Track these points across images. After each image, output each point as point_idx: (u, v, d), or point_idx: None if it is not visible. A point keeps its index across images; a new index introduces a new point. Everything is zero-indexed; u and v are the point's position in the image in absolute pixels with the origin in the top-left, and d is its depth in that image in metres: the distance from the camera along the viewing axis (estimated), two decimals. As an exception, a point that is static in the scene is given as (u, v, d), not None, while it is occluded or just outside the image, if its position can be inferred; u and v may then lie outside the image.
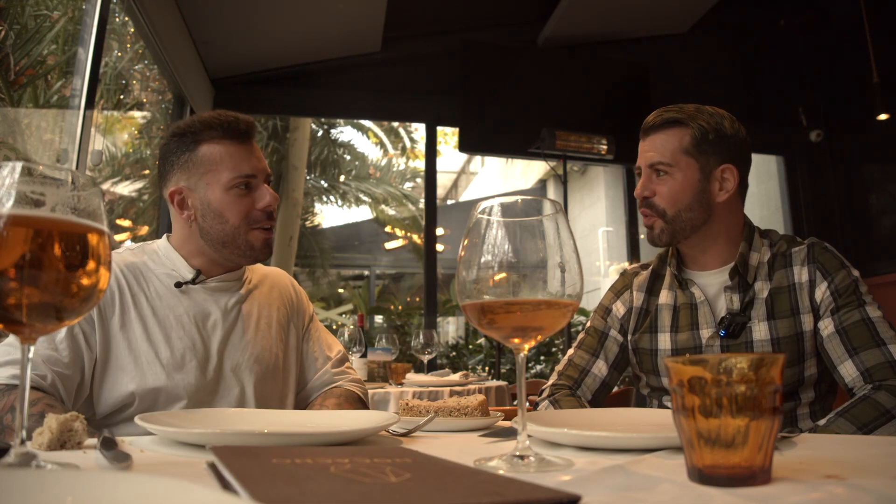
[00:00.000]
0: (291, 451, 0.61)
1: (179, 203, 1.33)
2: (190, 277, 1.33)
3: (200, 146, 1.31)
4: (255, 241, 1.33)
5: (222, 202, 1.30)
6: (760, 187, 5.70)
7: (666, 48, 4.92)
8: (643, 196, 1.40)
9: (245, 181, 1.31)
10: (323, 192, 10.13)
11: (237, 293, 1.39)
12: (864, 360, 1.22)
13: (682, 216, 1.37)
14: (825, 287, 1.30)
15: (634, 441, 0.74)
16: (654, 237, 1.41)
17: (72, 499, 0.41)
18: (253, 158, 1.33)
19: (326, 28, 4.21)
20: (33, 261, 0.60)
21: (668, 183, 1.37)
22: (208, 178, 1.30)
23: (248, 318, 1.38)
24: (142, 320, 1.27)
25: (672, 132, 1.38)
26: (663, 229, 1.39)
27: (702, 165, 1.36)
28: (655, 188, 1.39)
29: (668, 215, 1.37)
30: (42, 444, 0.74)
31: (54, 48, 3.11)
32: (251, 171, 1.31)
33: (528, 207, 0.71)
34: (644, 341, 1.46)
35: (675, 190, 1.36)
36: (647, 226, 1.42)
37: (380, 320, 9.80)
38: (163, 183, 1.37)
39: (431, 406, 1.10)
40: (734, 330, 1.34)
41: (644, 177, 1.41)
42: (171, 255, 1.36)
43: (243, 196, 1.31)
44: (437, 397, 2.49)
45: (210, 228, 1.31)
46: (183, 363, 1.27)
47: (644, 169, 1.41)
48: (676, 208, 1.36)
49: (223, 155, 1.30)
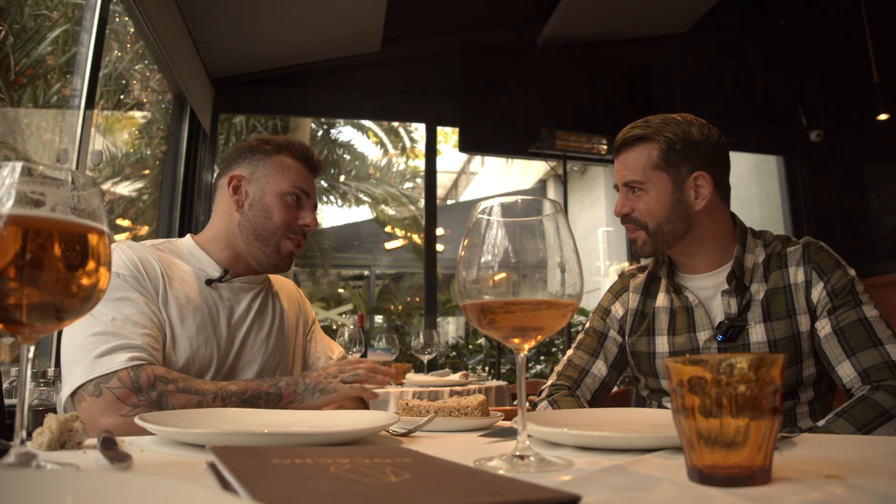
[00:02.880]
0: (291, 451, 0.61)
1: (235, 187, 1.42)
2: (217, 275, 1.39)
3: (277, 154, 1.44)
4: (284, 247, 1.41)
5: (274, 202, 1.40)
6: (760, 187, 5.70)
7: (666, 48, 4.92)
8: (623, 213, 1.43)
9: (299, 194, 1.43)
10: (323, 192, 10.12)
11: (260, 294, 1.47)
12: (862, 360, 1.22)
13: (662, 228, 1.38)
14: (821, 287, 1.30)
15: (634, 441, 0.74)
16: (638, 249, 1.43)
17: (72, 499, 0.41)
18: (312, 185, 1.47)
19: (326, 28, 4.21)
20: (33, 261, 0.60)
21: (643, 198, 1.39)
22: (272, 179, 1.42)
23: (266, 316, 1.46)
24: (177, 304, 1.31)
25: (640, 148, 1.39)
26: (646, 241, 1.41)
27: (673, 177, 1.37)
28: (633, 205, 1.41)
29: (650, 228, 1.39)
30: (42, 444, 0.74)
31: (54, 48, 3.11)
32: (307, 189, 1.45)
33: (528, 207, 0.71)
34: (641, 344, 1.46)
35: (651, 204, 1.38)
36: (631, 239, 1.45)
37: (380, 320, 9.80)
38: (224, 171, 1.46)
39: (431, 406, 1.10)
40: (732, 334, 1.34)
41: (621, 195, 1.43)
42: (198, 253, 1.41)
43: (292, 207, 1.42)
44: (437, 397, 2.49)
45: (253, 219, 1.40)
46: (208, 349, 1.32)
47: (620, 187, 1.43)
48: (656, 221, 1.38)
49: (293, 168, 1.43)
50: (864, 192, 5.01)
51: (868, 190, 5.02)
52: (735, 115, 4.88)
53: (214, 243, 1.42)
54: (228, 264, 1.41)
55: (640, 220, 1.40)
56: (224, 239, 1.42)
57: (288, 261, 1.43)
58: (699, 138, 1.37)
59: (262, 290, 1.48)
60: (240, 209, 1.41)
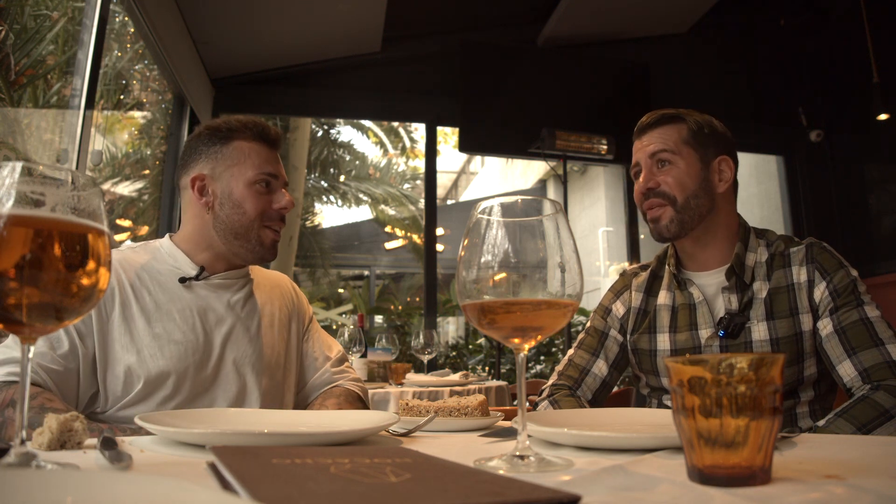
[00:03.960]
0: (291, 451, 0.61)
1: (200, 189, 1.36)
2: (193, 274, 1.36)
3: (232, 141, 1.37)
4: (265, 238, 1.37)
5: (244, 194, 1.35)
6: (760, 187, 5.70)
7: (666, 48, 4.92)
8: (648, 187, 1.39)
9: (267, 179, 1.37)
10: (323, 192, 10.13)
11: (241, 291, 1.42)
12: (863, 360, 1.22)
13: (690, 203, 1.37)
14: (824, 287, 1.31)
15: (634, 441, 0.74)
16: (662, 229, 1.39)
17: (72, 499, 0.41)
18: (277, 163, 1.41)
19: (326, 28, 4.21)
20: (33, 261, 0.60)
21: (672, 171, 1.38)
22: (234, 171, 1.36)
23: (251, 315, 1.41)
24: (145, 314, 1.28)
25: (670, 127, 1.41)
26: (672, 219, 1.38)
27: (701, 156, 1.39)
28: (659, 178, 1.38)
29: (679, 203, 1.37)
30: (42, 444, 0.74)
31: (54, 48, 3.11)
32: (274, 172, 1.38)
33: (528, 207, 0.71)
34: (643, 342, 1.46)
35: (681, 177, 1.37)
36: (654, 218, 1.40)
37: (380, 320, 9.80)
38: (183, 171, 1.40)
39: (431, 406, 1.10)
40: (733, 330, 1.34)
41: (646, 170, 1.41)
42: (174, 252, 1.38)
43: (263, 193, 1.36)
44: (437, 397, 2.49)
45: (227, 218, 1.35)
46: (185, 356, 1.28)
47: (645, 161, 1.41)
48: (685, 194, 1.37)
49: (252, 152, 1.37)
50: (864, 192, 5.01)
51: (868, 190, 5.02)
52: (735, 115, 4.88)
53: (192, 245, 1.38)
54: (209, 264, 1.38)
55: (668, 193, 1.37)
56: (201, 241, 1.37)
57: (273, 251, 1.39)
58: (721, 130, 1.44)
59: (243, 286, 1.43)
60: (210, 210, 1.36)
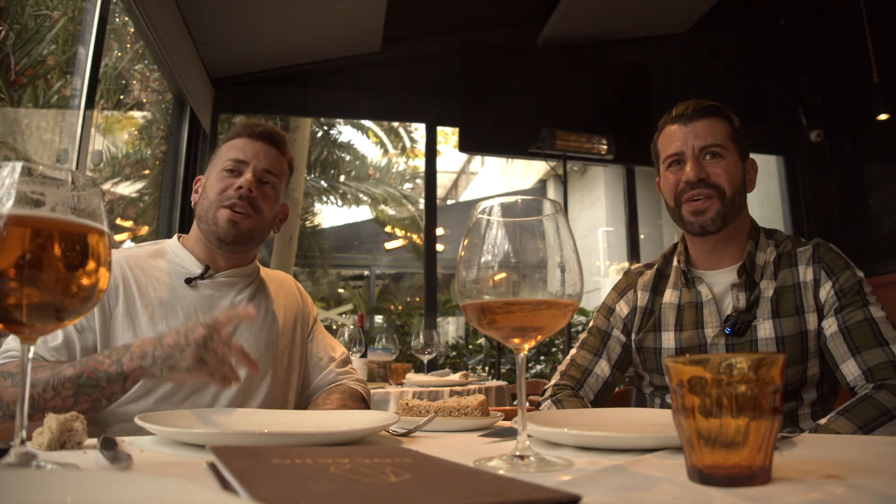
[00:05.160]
0: (291, 451, 0.61)
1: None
2: (198, 272, 1.38)
3: (223, 145, 1.45)
4: (221, 217, 1.36)
5: (211, 183, 1.40)
6: (760, 187, 5.70)
7: (666, 48, 4.92)
8: (700, 177, 1.36)
9: (234, 165, 1.39)
10: (323, 192, 10.12)
11: (245, 289, 1.44)
12: (867, 359, 1.23)
13: (735, 199, 1.38)
14: (829, 287, 1.31)
15: (634, 441, 0.74)
16: (707, 222, 1.36)
17: (72, 499, 0.41)
18: (255, 152, 1.40)
19: (326, 28, 4.20)
20: (33, 261, 0.60)
21: (722, 164, 1.37)
22: (212, 165, 1.44)
23: (258, 312, 1.42)
24: (148, 311, 1.29)
25: (716, 119, 1.40)
26: (719, 212, 1.36)
27: (740, 154, 1.41)
28: (710, 170, 1.37)
29: (727, 195, 1.36)
30: (42, 444, 0.74)
31: (54, 48, 3.10)
32: (242, 157, 1.39)
33: (528, 207, 0.71)
34: (648, 340, 1.46)
35: (731, 171, 1.37)
36: (699, 210, 1.37)
37: (380, 320, 9.80)
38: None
39: (431, 406, 1.10)
40: (739, 328, 1.34)
41: (693, 161, 1.37)
42: (180, 251, 1.41)
43: (226, 178, 1.39)
44: (437, 397, 2.49)
45: (199, 207, 1.41)
46: None
47: (692, 153, 1.37)
48: (734, 188, 1.37)
49: (228, 146, 1.43)
50: (864, 192, 5.01)
51: (868, 190, 5.02)
52: (735, 114, 4.88)
53: (195, 243, 1.43)
54: (212, 262, 1.41)
55: (719, 185, 1.36)
56: (200, 238, 1.42)
57: (229, 229, 1.34)
58: (744, 133, 1.44)
59: (248, 284, 1.45)
60: (196, 204, 1.44)
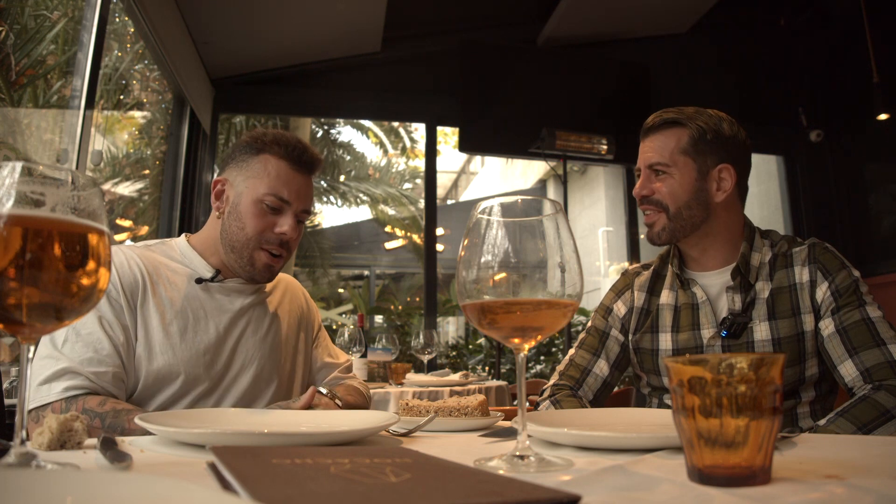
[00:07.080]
0: (291, 451, 0.61)
1: (217, 193, 1.37)
2: (209, 276, 1.36)
3: (261, 154, 1.34)
4: (258, 260, 1.33)
5: (248, 210, 1.32)
6: (760, 187, 5.70)
7: (666, 48, 4.92)
8: (642, 194, 1.42)
9: (277, 203, 1.32)
10: (323, 192, 10.12)
11: (253, 295, 1.42)
12: (864, 359, 1.22)
13: (682, 213, 1.38)
14: (826, 287, 1.31)
15: (634, 441, 0.74)
16: (654, 235, 1.42)
17: (72, 499, 0.41)
18: (298, 189, 1.34)
19: (326, 28, 4.20)
20: (33, 261, 0.60)
21: (666, 181, 1.39)
22: (250, 183, 1.33)
23: (262, 318, 1.42)
24: (159, 310, 1.28)
25: (670, 133, 1.40)
26: (664, 227, 1.40)
27: (699, 165, 1.38)
28: (654, 186, 1.40)
29: (671, 211, 1.38)
30: (42, 444, 0.74)
31: (54, 48, 3.11)
32: (287, 197, 1.33)
33: (528, 207, 0.71)
34: (645, 341, 1.46)
35: (674, 188, 1.38)
36: (648, 224, 1.43)
37: (380, 320, 9.79)
38: (220, 172, 1.42)
39: (431, 406, 1.10)
40: (735, 330, 1.34)
41: (643, 176, 1.43)
42: (190, 254, 1.38)
43: (267, 214, 1.32)
44: (437, 397, 2.49)
45: (228, 228, 1.34)
46: (196, 356, 1.29)
47: (643, 169, 1.43)
48: (677, 205, 1.38)
49: (274, 170, 1.32)
50: (864, 192, 5.01)
51: (868, 190, 5.02)
52: (735, 115, 4.86)
53: (206, 247, 1.39)
54: (220, 266, 1.38)
55: (661, 202, 1.39)
56: (212, 245, 1.38)
57: (265, 273, 1.35)
58: (728, 133, 1.40)
59: (258, 289, 1.43)
60: (221, 216, 1.36)
